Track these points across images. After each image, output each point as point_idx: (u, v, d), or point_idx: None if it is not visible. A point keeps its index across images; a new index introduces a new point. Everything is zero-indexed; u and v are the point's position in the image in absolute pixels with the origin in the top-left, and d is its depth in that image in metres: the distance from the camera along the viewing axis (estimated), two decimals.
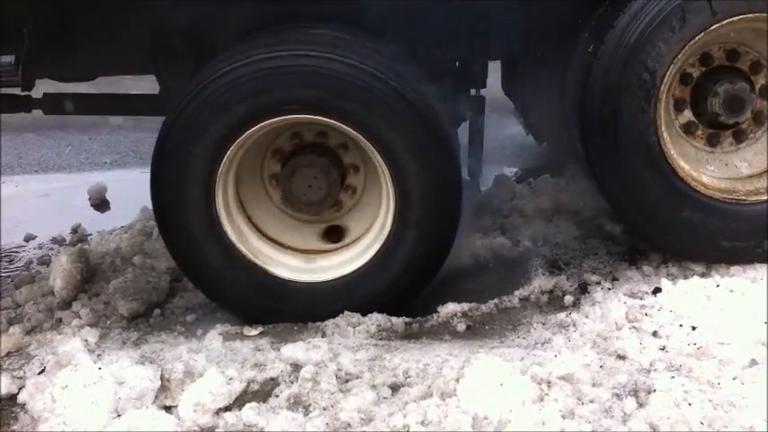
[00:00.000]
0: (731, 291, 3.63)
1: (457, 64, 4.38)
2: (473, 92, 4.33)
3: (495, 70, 4.75)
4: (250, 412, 3.09)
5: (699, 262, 3.98)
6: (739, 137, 4.05)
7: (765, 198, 3.94)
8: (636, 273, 4.04)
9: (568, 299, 3.90)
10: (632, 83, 3.73)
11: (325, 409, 3.09)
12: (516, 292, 4.00)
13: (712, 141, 4.04)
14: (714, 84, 3.85)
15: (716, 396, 2.95)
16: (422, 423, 2.90)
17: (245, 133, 3.61)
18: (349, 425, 2.98)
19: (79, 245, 4.92)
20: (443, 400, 3.01)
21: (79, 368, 3.25)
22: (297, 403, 3.16)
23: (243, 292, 3.83)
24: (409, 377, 3.28)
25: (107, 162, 6.92)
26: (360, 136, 3.66)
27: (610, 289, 3.87)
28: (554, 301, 3.94)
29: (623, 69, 3.73)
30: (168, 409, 3.19)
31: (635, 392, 3.04)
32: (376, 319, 3.79)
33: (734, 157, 4.06)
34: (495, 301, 3.95)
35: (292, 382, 3.28)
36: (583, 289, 3.96)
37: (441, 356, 3.40)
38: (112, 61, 4.30)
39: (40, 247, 5.22)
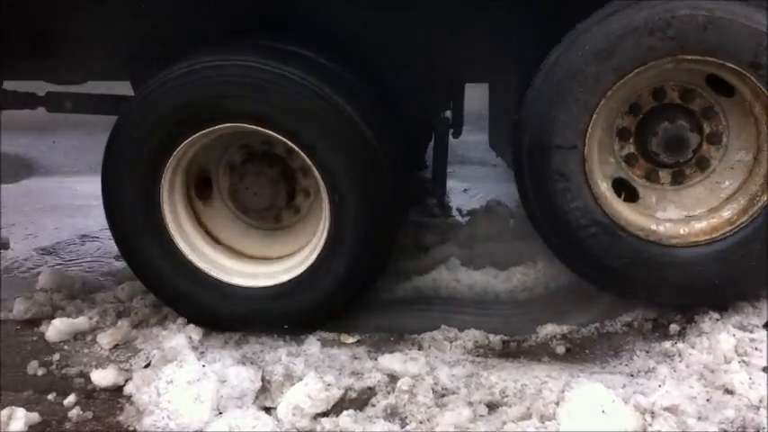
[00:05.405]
0: None
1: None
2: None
3: None
4: (347, 419, 3.12)
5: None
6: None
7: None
8: (746, 304, 3.87)
9: (674, 327, 3.78)
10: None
11: (421, 422, 3.09)
12: (618, 318, 3.91)
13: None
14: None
15: None
16: None
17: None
18: None
19: None
20: (543, 422, 2.97)
21: (184, 364, 3.34)
22: (393, 414, 3.18)
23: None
24: (506, 396, 3.25)
25: None
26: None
27: (718, 320, 3.72)
28: (658, 329, 3.82)
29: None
30: (268, 410, 3.24)
31: (743, 429, 2.94)
32: (473, 335, 3.78)
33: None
34: (597, 324, 3.88)
35: (389, 393, 3.29)
36: (689, 318, 3.84)
37: (539, 378, 3.36)
38: (96, 67, 4.40)
39: None
